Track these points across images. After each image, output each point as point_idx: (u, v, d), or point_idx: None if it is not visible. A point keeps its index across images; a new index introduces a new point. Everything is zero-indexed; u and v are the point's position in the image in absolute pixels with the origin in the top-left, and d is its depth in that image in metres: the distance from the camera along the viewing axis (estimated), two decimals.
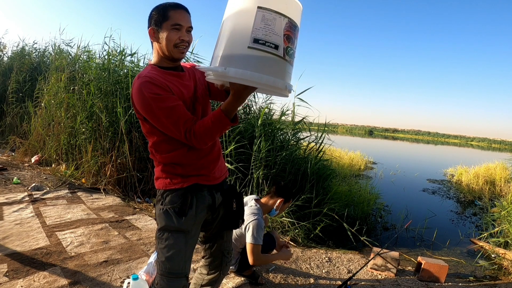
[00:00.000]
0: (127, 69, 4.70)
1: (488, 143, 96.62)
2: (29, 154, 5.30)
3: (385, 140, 44.63)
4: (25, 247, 2.30)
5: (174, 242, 1.14)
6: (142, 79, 1.08)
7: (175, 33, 1.12)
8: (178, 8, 1.13)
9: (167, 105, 1.06)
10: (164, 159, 1.20)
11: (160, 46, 1.15)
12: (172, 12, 1.11)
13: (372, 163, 11.39)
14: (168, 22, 1.11)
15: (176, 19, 1.11)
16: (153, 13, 1.14)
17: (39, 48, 7.63)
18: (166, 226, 1.15)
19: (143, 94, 1.06)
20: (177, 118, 1.07)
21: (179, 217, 1.15)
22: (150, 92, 1.05)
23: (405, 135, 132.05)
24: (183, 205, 1.16)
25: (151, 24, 1.14)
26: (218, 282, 1.45)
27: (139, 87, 1.07)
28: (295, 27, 0.99)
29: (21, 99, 6.41)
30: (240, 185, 3.52)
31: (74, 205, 3.34)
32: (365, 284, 2.46)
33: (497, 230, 3.94)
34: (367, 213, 4.39)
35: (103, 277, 2.03)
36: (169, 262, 1.14)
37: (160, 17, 1.12)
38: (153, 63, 1.19)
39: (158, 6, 1.14)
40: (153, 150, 1.22)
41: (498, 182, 7.95)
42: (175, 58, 1.17)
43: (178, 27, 1.12)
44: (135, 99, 1.10)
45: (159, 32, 1.13)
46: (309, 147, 4.01)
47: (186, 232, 1.17)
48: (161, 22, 1.12)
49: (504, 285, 2.82)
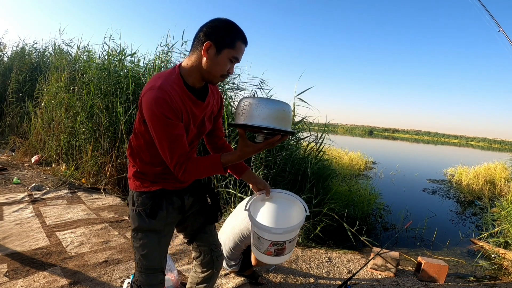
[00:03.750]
0: (127, 69, 4.70)
1: (488, 143, 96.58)
2: (29, 154, 5.30)
3: (385, 140, 44.62)
4: (25, 247, 2.30)
5: (148, 241, 1.20)
6: (160, 93, 1.00)
7: (228, 65, 1.08)
8: (245, 43, 1.09)
9: (173, 132, 1.03)
10: (139, 166, 1.21)
11: (206, 64, 1.06)
12: (239, 44, 1.06)
13: (372, 163, 11.39)
14: (231, 52, 1.05)
15: (239, 52, 1.07)
16: (222, 29, 1.04)
17: (39, 48, 7.63)
18: (139, 226, 1.20)
19: (154, 110, 1.00)
20: (175, 147, 1.05)
21: (150, 218, 1.19)
22: (162, 112, 1.00)
23: (405, 135, 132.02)
24: (154, 206, 1.19)
25: (212, 39, 1.04)
26: (213, 279, 1.46)
27: (153, 99, 1.00)
28: None
29: (21, 99, 6.41)
30: (240, 185, 3.52)
31: (74, 205, 3.34)
32: (365, 284, 2.46)
33: (497, 230, 3.94)
34: (367, 213, 4.39)
35: (103, 277, 2.03)
36: (145, 259, 1.19)
37: (227, 42, 1.04)
38: (183, 73, 1.10)
39: (231, 27, 1.06)
40: (135, 151, 1.20)
41: (498, 182, 7.95)
42: (212, 83, 1.14)
43: (234, 61, 1.08)
44: (145, 106, 1.04)
45: (216, 53, 1.05)
46: (309, 147, 4.01)
47: (158, 231, 1.22)
48: (225, 46, 1.04)
49: (504, 285, 2.82)
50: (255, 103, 0.97)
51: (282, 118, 0.98)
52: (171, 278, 1.95)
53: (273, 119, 0.96)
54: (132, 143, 1.21)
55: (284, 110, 0.99)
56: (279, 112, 0.97)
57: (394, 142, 42.86)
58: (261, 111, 0.95)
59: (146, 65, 4.94)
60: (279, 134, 1.00)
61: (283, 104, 0.99)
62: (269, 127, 0.95)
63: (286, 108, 1.00)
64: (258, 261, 2.00)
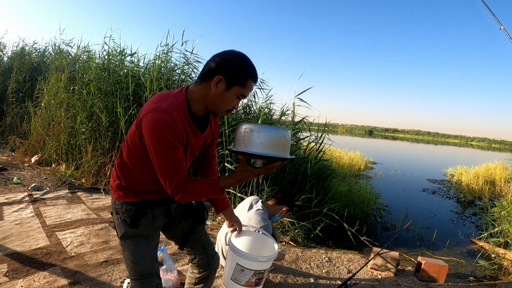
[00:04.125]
0: (127, 69, 4.70)
1: (488, 143, 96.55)
2: (29, 154, 5.30)
3: (385, 140, 44.62)
4: (25, 247, 2.30)
5: (137, 247, 1.19)
6: (165, 116, 0.98)
7: (236, 101, 1.08)
8: (256, 81, 1.09)
9: (174, 156, 1.02)
10: (125, 180, 1.19)
11: (213, 97, 1.05)
12: (250, 83, 1.06)
13: (372, 163, 11.39)
14: (240, 89, 1.05)
15: (248, 91, 1.07)
16: (236, 66, 1.03)
17: (39, 48, 7.64)
18: (126, 233, 1.19)
19: (156, 133, 0.98)
20: (175, 172, 1.04)
21: (136, 224, 1.18)
22: (164, 136, 0.98)
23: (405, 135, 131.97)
24: (138, 212, 1.18)
25: (224, 74, 1.02)
26: (210, 278, 1.46)
27: (157, 122, 0.98)
28: None
29: (21, 99, 6.41)
30: (240, 185, 3.52)
31: (74, 205, 3.34)
32: (365, 284, 2.46)
33: (497, 230, 3.94)
34: (367, 213, 4.39)
35: (103, 277, 2.03)
36: (137, 265, 1.18)
37: (238, 79, 1.03)
38: (189, 98, 1.08)
39: (245, 65, 1.04)
40: (125, 163, 1.17)
41: (498, 182, 7.95)
42: (215, 115, 1.14)
43: (241, 97, 1.08)
44: (146, 126, 1.00)
45: (226, 89, 1.04)
46: (309, 147, 4.01)
47: (145, 236, 1.21)
48: (235, 83, 1.03)
49: (504, 285, 2.82)
50: (256, 130, 0.97)
51: (282, 145, 1.00)
52: (171, 278, 1.95)
53: (274, 146, 0.97)
54: (123, 154, 1.17)
55: (284, 137, 1.00)
56: (280, 140, 0.99)
57: (394, 142, 42.86)
58: (262, 139, 0.97)
59: (146, 65, 4.94)
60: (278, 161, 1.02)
61: (283, 131, 1.01)
62: (270, 155, 0.97)
63: (286, 135, 1.02)
64: None
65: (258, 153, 0.96)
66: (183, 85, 4.43)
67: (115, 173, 1.21)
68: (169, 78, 4.48)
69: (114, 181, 1.22)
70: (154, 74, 4.26)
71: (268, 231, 2.01)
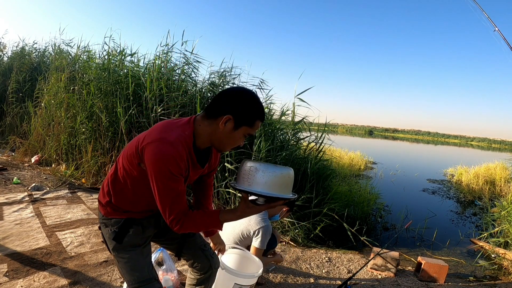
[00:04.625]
0: (127, 69, 4.70)
1: (488, 143, 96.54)
2: (29, 154, 5.29)
3: (385, 140, 44.62)
4: (25, 247, 2.29)
5: (131, 256, 1.19)
6: (171, 150, 0.98)
7: (242, 140, 1.09)
8: (263, 120, 1.11)
9: (176, 188, 1.02)
10: (116, 198, 1.16)
11: (220, 134, 1.06)
12: (257, 123, 1.07)
13: (372, 163, 11.39)
14: (248, 129, 1.06)
15: (255, 130, 1.08)
16: (245, 106, 1.03)
17: (39, 48, 7.63)
18: (117, 245, 1.19)
19: (161, 165, 0.98)
20: (176, 204, 1.04)
21: (127, 234, 1.18)
22: (168, 169, 0.98)
23: (405, 135, 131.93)
24: (127, 224, 1.18)
25: (233, 113, 1.02)
26: (212, 278, 1.46)
27: (163, 154, 0.97)
28: None
29: (21, 99, 6.41)
30: None
31: (74, 205, 3.34)
32: (365, 284, 2.46)
33: (497, 230, 3.94)
34: (367, 213, 4.39)
35: (103, 277, 2.03)
36: (135, 271, 1.17)
37: (246, 120, 1.04)
38: (195, 132, 1.08)
39: (254, 105, 1.05)
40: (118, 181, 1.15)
41: (498, 182, 7.95)
42: (220, 151, 1.15)
43: (247, 136, 1.09)
44: (150, 156, 0.99)
45: (234, 128, 1.04)
46: (309, 147, 4.01)
47: (137, 245, 1.21)
48: (243, 123, 1.04)
49: (504, 285, 2.82)
50: (262, 170, 0.99)
51: (286, 185, 1.02)
52: (171, 278, 1.95)
53: (278, 186, 0.99)
54: (118, 171, 1.14)
55: (288, 176, 1.02)
56: (284, 180, 1.01)
57: (394, 142, 42.86)
58: (266, 179, 0.98)
59: (146, 65, 4.94)
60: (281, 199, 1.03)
61: (287, 170, 1.02)
62: (273, 195, 0.98)
63: (290, 174, 1.03)
64: None
65: (263, 193, 0.97)
66: (183, 85, 4.43)
67: (107, 189, 1.18)
68: (169, 78, 4.48)
69: (104, 197, 1.19)
70: (154, 74, 4.26)
71: (268, 231, 2.01)
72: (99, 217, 1.23)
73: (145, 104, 4.18)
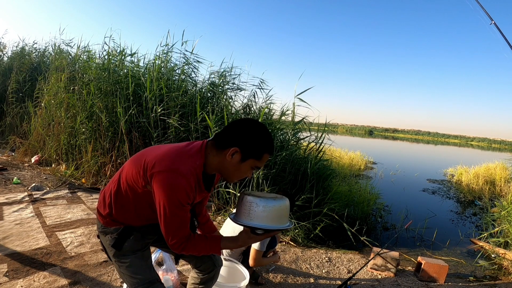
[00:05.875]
0: (127, 69, 4.70)
1: (488, 143, 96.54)
2: (29, 154, 5.30)
3: (385, 140, 44.61)
4: (25, 247, 2.30)
5: (132, 260, 1.20)
6: (183, 181, 0.99)
7: (250, 172, 1.10)
8: (272, 154, 1.12)
9: (183, 215, 1.04)
10: (117, 212, 1.16)
11: (227, 166, 1.07)
12: (265, 156, 1.08)
13: (372, 163, 11.39)
14: (255, 162, 1.07)
15: (262, 163, 1.09)
16: (254, 140, 1.04)
17: (39, 48, 7.65)
18: (118, 251, 1.19)
19: (171, 195, 0.99)
20: (180, 229, 1.06)
21: (127, 240, 1.19)
22: (178, 199, 1.00)
23: (405, 135, 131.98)
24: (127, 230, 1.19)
25: (241, 146, 1.03)
26: (215, 277, 1.46)
27: (174, 185, 0.98)
28: None
29: (21, 99, 6.41)
30: (240, 185, 3.52)
31: (74, 205, 3.34)
32: (365, 284, 2.46)
33: (497, 230, 3.94)
34: (367, 213, 4.39)
35: (103, 277, 2.03)
36: (138, 276, 1.19)
37: (254, 153, 1.05)
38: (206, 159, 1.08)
39: (263, 139, 1.05)
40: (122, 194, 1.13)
41: (498, 182, 7.94)
42: (227, 181, 1.17)
43: (255, 169, 1.10)
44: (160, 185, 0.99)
45: (241, 161, 1.05)
46: (309, 147, 4.01)
47: (137, 250, 1.22)
48: (250, 156, 1.05)
49: (504, 285, 2.82)
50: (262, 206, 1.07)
51: (284, 215, 1.12)
52: (171, 278, 1.95)
53: (276, 218, 1.09)
54: (121, 184, 1.13)
55: (285, 206, 1.12)
56: (281, 212, 1.11)
57: (394, 142, 42.85)
58: (267, 213, 1.07)
59: (146, 65, 4.95)
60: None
61: (283, 202, 1.12)
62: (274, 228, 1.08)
63: (286, 203, 1.13)
64: (257, 262, 2.02)
65: (265, 228, 1.07)
66: (183, 85, 4.43)
67: (108, 201, 1.16)
68: (169, 78, 4.48)
69: (104, 208, 1.18)
70: (154, 74, 4.27)
71: None
72: (98, 227, 1.23)
73: (145, 104, 4.18)
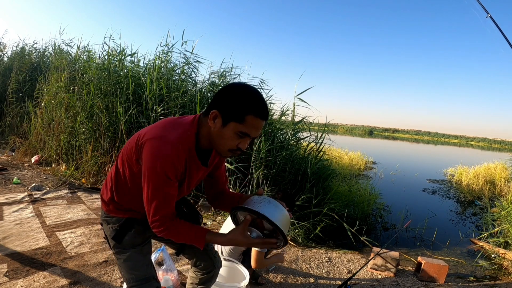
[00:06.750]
0: (127, 69, 4.70)
1: (488, 143, 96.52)
2: (29, 154, 5.30)
3: (385, 140, 44.62)
4: (25, 247, 2.29)
5: (131, 255, 1.18)
6: (170, 151, 0.93)
7: (236, 140, 0.96)
8: (261, 117, 0.94)
9: (167, 191, 0.97)
10: (118, 195, 1.14)
11: (212, 133, 0.98)
12: (250, 119, 0.92)
13: (372, 163, 11.39)
14: (238, 126, 0.93)
15: (249, 128, 0.93)
16: (232, 99, 0.92)
17: (39, 48, 7.64)
18: (118, 243, 1.17)
19: (156, 165, 0.93)
20: (162, 206, 0.98)
21: (127, 233, 1.17)
22: (163, 170, 0.93)
23: (405, 135, 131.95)
24: (127, 223, 1.16)
25: (219, 108, 0.93)
26: (214, 278, 1.45)
27: (160, 155, 0.92)
28: None
29: (21, 99, 6.41)
30: (240, 185, 3.52)
31: (74, 205, 3.34)
32: (365, 284, 2.46)
33: (497, 230, 3.94)
34: (367, 213, 4.39)
35: (103, 277, 2.03)
36: (134, 270, 1.17)
37: (234, 114, 0.92)
38: (199, 133, 1.01)
39: (243, 98, 0.92)
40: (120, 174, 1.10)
41: (498, 182, 7.94)
42: (220, 155, 1.04)
43: (243, 136, 0.95)
44: (148, 153, 0.94)
45: (222, 126, 0.94)
46: (309, 147, 4.01)
47: (137, 244, 1.20)
48: (231, 118, 0.93)
49: (504, 285, 2.82)
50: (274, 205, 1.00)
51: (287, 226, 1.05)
52: (171, 278, 1.95)
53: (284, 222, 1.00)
54: (119, 167, 1.10)
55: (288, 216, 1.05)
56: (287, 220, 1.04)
57: (394, 142, 42.86)
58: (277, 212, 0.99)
59: (146, 65, 4.94)
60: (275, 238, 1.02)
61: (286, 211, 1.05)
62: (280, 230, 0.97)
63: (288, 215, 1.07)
64: (259, 264, 2.01)
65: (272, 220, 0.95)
66: (183, 85, 4.43)
67: (110, 185, 1.15)
68: (169, 78, 4.48)
69: (106, 193, 1.18)
70: (154, 74, 4.26)
71: None
72: (101, 214, 1.23)
73: (145, 104, 4.18)
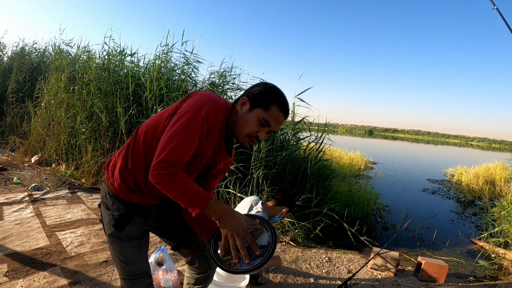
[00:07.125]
0: (127, 69, 4.70)
1: (488, 143, 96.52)
2: (29, 154, 5.30)
3: (385, 140, 44.63)
4: (25, 247, 2.30)
5: (126, 247, 1.15)
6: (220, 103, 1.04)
7: (257, 127, 1.05)
8: (283, 111, 1.07)
9: (192, 137, 0.97)
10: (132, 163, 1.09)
11: (237, 118, 1.08)
12: (274, 109, 1.05)
13: (372, 163, 11.39)
14: (263, 113, 1.04)
15: (271, 117, 1.05)
16: (262, 90, 1.07)
17: (39, 48, 7.64)
18: (115, 233, 1.14)
19: (203, 103, 1.00)
20: (182, 148, 0.95)
21: (126, 225, 1.13)
22: (207, 112, 0.99)
23: (405, 135, 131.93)
24: (128, 213, 1.13)
25: (249, 96, 1.07)
26: (210, 278, 1.44)
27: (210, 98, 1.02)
28: None
29: (21, 99, 6.41)
30: (240, 185, 3.52)
31: (74, 205, 3.34)
32: (365, 284, 2.46)
33: (497, 230, 3.94)
34: (367, 213, 4.39)
35: (103, 277, 2.03)
36: (127, 265, 1.15)
37: (262, 102, 1.05)
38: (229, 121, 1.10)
39: (271, 91, 1.07)
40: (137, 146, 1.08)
41: (498, 182, 7.94)
42: (238, 140, 1.11)
43: (265, 124, 1.06)
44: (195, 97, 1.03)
45: (249, 110, 1.06)
46: (309, 147, 4.01)
47: (135, 238, 1.17)
48: (258, 105, 1.05)
49: (504, 285, 2.82)
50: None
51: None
52: (171, 278, 1.95)
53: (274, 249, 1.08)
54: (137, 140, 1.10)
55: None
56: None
57: (394, 142, 42.86)
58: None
59: (146, 65, 4.95)
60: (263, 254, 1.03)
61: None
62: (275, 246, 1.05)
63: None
64: None
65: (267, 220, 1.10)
66: (183, 85, 4.44)
67: (123, 155, 1.11)
68: (169, 78, 4.48)
69: (114, 165, 1.14)
70: (154, 74, 4.27)
71: None
72: (103, 193, 1.16)
73: (145, 104, 4.18)
